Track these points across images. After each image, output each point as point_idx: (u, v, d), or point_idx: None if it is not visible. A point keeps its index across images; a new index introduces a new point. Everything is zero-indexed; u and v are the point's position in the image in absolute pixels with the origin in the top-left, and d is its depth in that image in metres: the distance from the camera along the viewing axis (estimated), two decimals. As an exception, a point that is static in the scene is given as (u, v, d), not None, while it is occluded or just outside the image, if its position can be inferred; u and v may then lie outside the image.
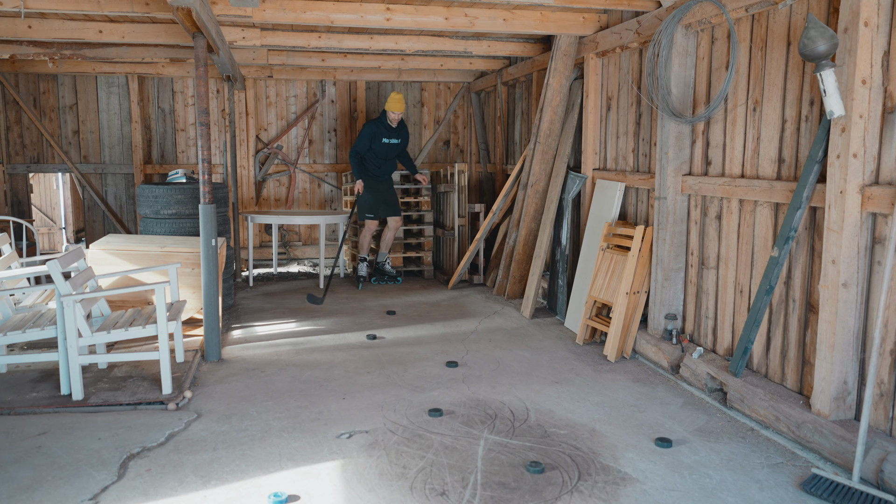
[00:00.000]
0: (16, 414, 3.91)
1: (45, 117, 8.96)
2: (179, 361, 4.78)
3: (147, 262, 5.40)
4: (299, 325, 6.11)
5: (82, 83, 8.99)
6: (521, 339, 5.67)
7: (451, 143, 10.10)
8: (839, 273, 3.40)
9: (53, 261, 4.08)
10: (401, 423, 3.85)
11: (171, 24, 6.10)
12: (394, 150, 7.84)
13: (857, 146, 3.30)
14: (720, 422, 3.92)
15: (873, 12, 3.21)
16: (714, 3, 4.23)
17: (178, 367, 4.66)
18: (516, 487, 3.12)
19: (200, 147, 4.86)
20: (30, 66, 8.47)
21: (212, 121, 9.26)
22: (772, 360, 4.06)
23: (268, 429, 3.76)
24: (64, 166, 9.07)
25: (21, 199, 9.03)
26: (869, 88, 3.27)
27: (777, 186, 3.90)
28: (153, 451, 3.46)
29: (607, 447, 3.56)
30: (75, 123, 9.05)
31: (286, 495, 2.98)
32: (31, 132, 8.94)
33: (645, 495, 3.07)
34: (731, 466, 3.36)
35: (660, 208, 4.90)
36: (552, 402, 4.19)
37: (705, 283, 4.67)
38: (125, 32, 6.19)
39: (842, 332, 3.42)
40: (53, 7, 4.96)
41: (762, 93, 4.06)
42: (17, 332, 4.12)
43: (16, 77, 8.79)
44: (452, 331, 5.89)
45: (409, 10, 5.59)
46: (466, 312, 6.66)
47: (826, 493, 3.03)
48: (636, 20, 5.18)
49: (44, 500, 2.95)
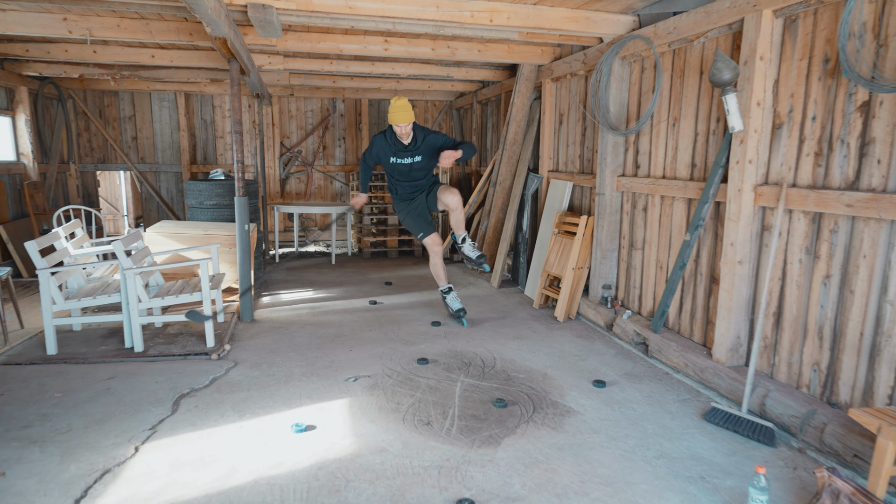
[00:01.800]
0: (89, 363, 3.91)
1: (108, 126, 8.80)
2: (220, 321, 4.78)
3: (193, 242, 5.37)
4: (315, 293, 6.12)
5: (139, 98, 8.83)
6: (490, 303, 5.72)
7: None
8: (736, 253, 3.46)
9: (118, 241, 4.04)
10: (395, 369, 3.89)
11: (210, 51, 6.01)
12: (420, 171, 4.69)
13: (752, 154, 3.35)
14: (643, 368, 3.98)
15: (767, 49, 3.25)
16: (644, 40, 4.24)
17: (219, 326, 4.66)
18: (485, 418, 3.17)
19: (235, 151, 4.82)
20: (95, 83, 8.30)
21: (244, 130, 9.15)
22: (683, 320, 4.13)
23: (290, 374, 3.79)
24: (125, 166, 8.92)
25: (90, 192, 8.89)
26: (762, 109, 3.31)
27: (690, 185, 3.95)
28: (199, 391, 3.48)
29: (556, 387, 3.62)
30: (134, 131, 8.89)
31: (305, 425, 3.02)
32: (97, 138, 8.78)
33: (584, 424, 3.13)
34: (651, 402, 3.43)
35: (599, 202, 4.94)
36: (514, 353, 4.24)
37: (633, 260, 4.72)
38: (173, 57, 6.08)
39: (737, 298, 3.50)
40: (114, 36, 4.87)
41: (680, 111, 4.10)
42: (89, 298, 4.10)
43: (84, 93, 8.61)
44: (437, 298, 5.93)
45: (402, 42, 5.55)
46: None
47: (722, 421, 3.12)
48: (583, 52, 5.18)
49: (112, 430, 2.97)
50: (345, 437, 2.93)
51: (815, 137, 3.04)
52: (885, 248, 2.69)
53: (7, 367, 3.80)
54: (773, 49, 3.24)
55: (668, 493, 2.49)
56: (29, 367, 3.82)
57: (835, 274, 2.95)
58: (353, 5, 4.00)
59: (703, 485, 2.56)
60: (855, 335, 2.84)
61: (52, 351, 3.99)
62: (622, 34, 4.56)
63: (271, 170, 9.19)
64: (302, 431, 2.97)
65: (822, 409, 2.91)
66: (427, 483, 2.53)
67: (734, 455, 2.82)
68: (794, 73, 3.15)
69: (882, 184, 2.70)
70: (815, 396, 3.07)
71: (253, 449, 2.80)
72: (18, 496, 2.39)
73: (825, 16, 2.97)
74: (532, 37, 5.04)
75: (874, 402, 2.76)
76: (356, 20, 4.32)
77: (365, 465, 2.67)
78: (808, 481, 2.59)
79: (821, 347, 3.03)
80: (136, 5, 4.14)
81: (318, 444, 2.85)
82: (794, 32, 3.15)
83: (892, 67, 2.63)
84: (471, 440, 2.91)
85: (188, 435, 2.93)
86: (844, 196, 2.82)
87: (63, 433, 2.92)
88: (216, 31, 3.79)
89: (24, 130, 7.20)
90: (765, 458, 2.79)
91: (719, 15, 3.53)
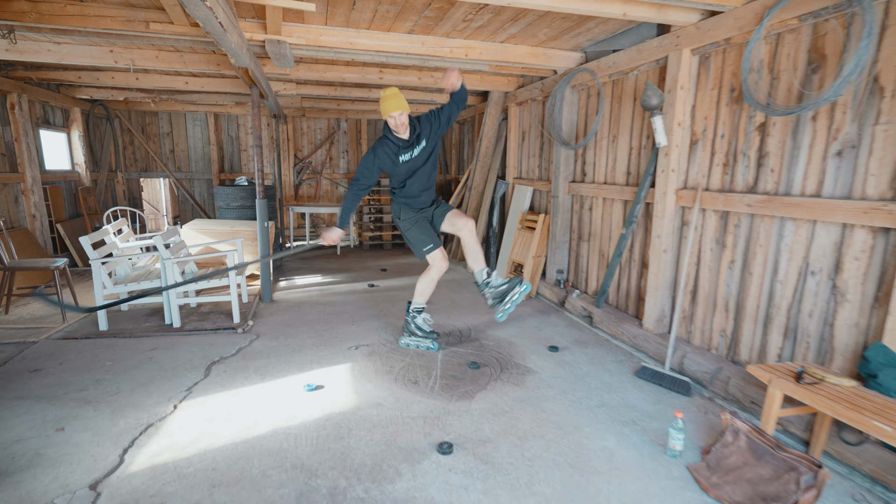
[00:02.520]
0: (134, 337, 3.85)
1: (149, 140, 8.59)
2: (244, 302, 4.74)
3: (221, 237, 5.30)
4: (324, 279, 6.08)
5: (175, 117, 8.63)
6: (466, 287, 5.72)
7: (423, 160, 10.00)
8: (662, 243, 3.51)
9: (158, 236, 3.98)
10: (389, 339, 3.88)
11: (234, 79, 5.90)
12: (428, 156, 3.42)
13: (674, 164, 3.40)
14: (588, 336, 4.02)
15: (686, 80, 3.29)
16: (589, 72, 4.26)
17: (243, 306, 4.62)
18: (462, 378, 3.19)
19: (256, 161, 4.75)
20: (138, 105, 8.09)
21: (264, 144, 8.99)
22: (620, 297, 4.19)
23: (303, 344, 3.77)
24: (164, 174, 8.73)
25: (135, 196, 8.68)
26: (682, 128, 3.36)
27: (626, 190, 3.99)
28: (227, 359, 3.45)
29: (519, 352, 3.64)
30: (171, 145, 8.70)
31: (315, 385, 3.02)
32: (140, 151, 8.57)
33: (541, 381, 3.16)
34: (594, 363, 3.46)
35: (554, 203, 4.97)
36: (485, 326, 4.25)
37: (581, 250, 4.77)
38: (204, 83, 5.96)
39: (662, 280, 3.56)
40: (153, 65, 4.75)
41: (618, 130, 4.14)
42: (134, 283, 4.03)
43: (129, 113, 8.39)
44: (423, 281, 5.92)
45: (394, 72, 5.50)
46: (432, 270, 6.67)
47: (649, 377, 3.17)
48: (541, 82, 5.20)
49: (155, 391, 2.94)
50: (347, 394, 2.94)
51: (723, 151, 3.09)
52: (776, 239, 2.77)
53: (65, 341, 3.73)
54: (691, 80, 3.29)
55: (607, 434, 2.54)
56: (84, 340, 3.76)
57: (738, 259, 3.02)
58: (353, 41, 3.96)
59: (634, 427, 2.62)
60: (753, 308, 2.92)
61: (103, 327, 3.93)
62: (572, 67, 4.58)
63: (286, 177, 9.07)
64: (312, 390, 2.97)
65: (727, 367, 2.99)
66: (415, 430, 2.55)
67: (659, 403, 2.88)
68: (707, 100, 3.20)
69: (774, 188, 2.77)
70: (722, 356, 3.15)
71: (272, 405, 2.80)
72: (76, 447, 2.36)
73: (731, 54, 3.02)
74: (500, 69, 5.04)
75: (767, 360, 2.84)
76: (355, 54, 4.28)
77: (364, 416, 2.68)
78: (715, 423, 2.66)
79: (727, 318, 3.11)
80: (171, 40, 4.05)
81: (326, 401, 2.85)
82: (707, 67, 3.20)
83: (782, 96, 2.69)
84: (450, 395, 2.94)
85: (218, 395, 2.91)
86: (746, 198, 2.88)
87: (113, 395, 2.89)
88: (239, 62, 3.73)
89: (78, 144, 7.01)
90: (682, 405, 2.86)
91: (649, 52, 3.57)
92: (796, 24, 2.59)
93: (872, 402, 2.02)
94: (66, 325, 4.05)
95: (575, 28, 3.85)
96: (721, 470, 2.19)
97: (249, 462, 2.26)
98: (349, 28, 3.90)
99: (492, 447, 2.40)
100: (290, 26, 3.76)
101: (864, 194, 2.33)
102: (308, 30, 3.82)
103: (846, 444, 2.27)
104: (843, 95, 2.38)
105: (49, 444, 2.38)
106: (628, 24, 3.75)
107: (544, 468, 2.25)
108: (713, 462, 2.24)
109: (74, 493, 2.05)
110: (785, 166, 2.70)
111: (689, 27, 3.18)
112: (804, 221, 2.60)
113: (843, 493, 2.11)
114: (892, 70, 2.23)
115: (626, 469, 2.26)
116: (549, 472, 2.23)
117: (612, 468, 2.26)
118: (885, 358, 2.14)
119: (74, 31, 3.79)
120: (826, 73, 2.48)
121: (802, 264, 2.62)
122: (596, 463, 2.29)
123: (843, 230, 2.43)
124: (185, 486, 2.09)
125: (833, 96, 2.33)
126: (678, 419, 2.34)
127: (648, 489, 2.12)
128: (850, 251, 2.40)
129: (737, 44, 2.96)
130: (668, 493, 2.10)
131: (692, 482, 2.17)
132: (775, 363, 2.61)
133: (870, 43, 2.23)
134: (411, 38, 4.07)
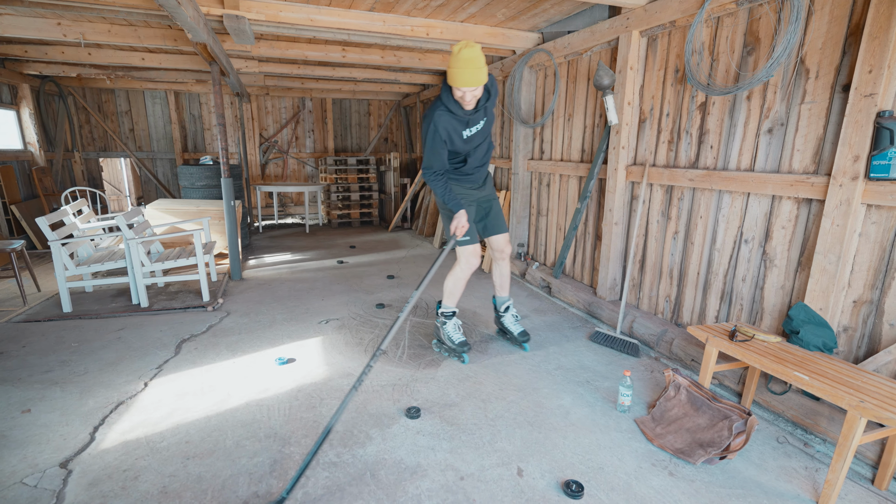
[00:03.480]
0: (101, 318, 3.68)
1: (107, 119, 8.03)
2: (214, 280, 4.59)
3: (187, 216, 5.08)
4: (293, 256, 5.95)
5: (133, 95, 8.08)
6: (432, 261, 5.73)
7: (388, 139, 9.80)
8: (613, 216, 3.59)
9: (120, 216, 3.77)
10: (358, 313, 3.86)
11: (193, 55, 5.55)
12: (485, 140, 2.81)
13: (624, 142, 3.46)
14: (547, 304, 4.10)
15: (635, 61, 3.32)
16: (546, 53, 4.24)
17: (213, 284, 4.47)
18: (429, 347, 3.21)
19: (220, 141, 4.53)
20: (93, 82, 7.52)
21: (227, 123, 8.58)
22: (576, 268, 4.29)
23: (274, 320, 3.70)
24: (124, 154, 8.22)
25: (95, 177, 8.15)
26: (632, 107, 3.40)
27: (581, 166, 4.04)
28: (198, 336, 3.36)
29: (482, 321, 3.68)
30: (130, 123, 8.17)
31: (287, 358, 2.98)
32: (97, 129, 8.01)
33: (503, 346, 3.22)
34: (552, 329, 3.55)
35: (514, 180, 4.99)
36: (451, 297, 4.28)
37: (540, 224, 4.82)
38: (162, 60, 5.58)
39: (614, 250, 3.65)
40: (105, 40, 4.39)
41: (573, 109, 4.15)
42: (98, 264, 3.82)
43: (83, 90, 7.79)
44: (391, 257, 5.90)
45: (357, 50, 5.31)
46: (400, 245, 6.62)
47: (602, 341, 3.27)
48: (501, 62, 5.13)
49: (125, 370, 2.83)
50: (319, 366, 2.92)
51: (668, 129, 3.16)
52: (714, 211, 2.88)
53: (27, 324, 3.53)
54: (640, 61, 3.32)
55: (563, 394, 2.63)
56: (47, 323, 3.56)
57: (681, 230, 3.13)
58: (314, 18, 3.78)
59: (588, 387, 2.72)
60: (694, 274, 3.05)
61: (67, 309, 3.72)
62: (530, 48, 4.54)
63: (252, 156, 8.72)
64: (284, 364, 2.93)
65: (672, 329, 3.13)
66: (384, 397, 2.57)
67: (610, 364, 2.99)
68: (654, 80, 3.25)
69: (713, 163, 2.86)
70: (667, 320, 3.29)
71: (244, 379, 2.75)
72: (44, 427, 2.26)
73: (676, 36, 3.06)
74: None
75: (706, 321, 2.99)
76: (317, 31, 4.09)
77: (335, 386, 2.67)
78: (660, 380, 2.80)
79: (671, 284, 3.24)
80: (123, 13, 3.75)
81: (298, 373, 2.82)
82: (654, 49, 3.23)
83: (721, 76, 2.75)
84: (417, 364, 2.96)
85: (190, 371, 2.84)
86: (688, 173, 2.97)
87: (81, 375, 2.77)
88: (196, 38, 3.50)
89: (29, 123, 6.48)
90: (631, 365, 2.99)
91: (601, 34, 3.57)
92: (734, 8, 2.64)
93: (794, 355, 2.17)
94: (27, 308, 3.82)
95: (532, 8, 3.80)
96: (664, 421, 2.32)
97: (223, 434, 2.23)
98: (309, 4, 3.71)
99: (457, 410, 2.45)
100: (248, 1, 3.54)
101: (791, 168, 2.45)
102: (267, 5, 3.61)
103: (772, 394, 2.44)
104: (773, 76, 2.46)
105: (15, 426, 2.26)
106: (582, 6, 3.73)
107: (506, 427, 2.32)
108: (657, 414, 2.37)
109: (44, 472, 1.97)
110: (723, 143, 2.79)
111: (638, 9, 3.19)
112: (739, 194, 2.71)
113: (770, 437, 2.28)
114: (817, 52, 2.31)
115: (581, 424, 2.35)
116: (511, 430, 2.29)
117: (568, 424, 2.35)
118: (805, 316, 2.29)
119: (16, 0, 3.45)
120: (760, 55, 2.55)
121: (737, 234, 2.74)
122: (553, 420, 2.38)
123: (772, 201, 2.55)
124: (158, 460, 2.04)
125: (765, 77, 2.40)
126: (626, 378, 2.44)
127: (600, 442, 2.23)
128: (779, 220, 2.52)
129: (681, 26, 3.00)
130: (617, 445, 2.21)
131: (639, 433, 2.29)
132: (712, 324, 2.75)
133: (797, 27, 2.30)
134: (372, 16, 3.92)
